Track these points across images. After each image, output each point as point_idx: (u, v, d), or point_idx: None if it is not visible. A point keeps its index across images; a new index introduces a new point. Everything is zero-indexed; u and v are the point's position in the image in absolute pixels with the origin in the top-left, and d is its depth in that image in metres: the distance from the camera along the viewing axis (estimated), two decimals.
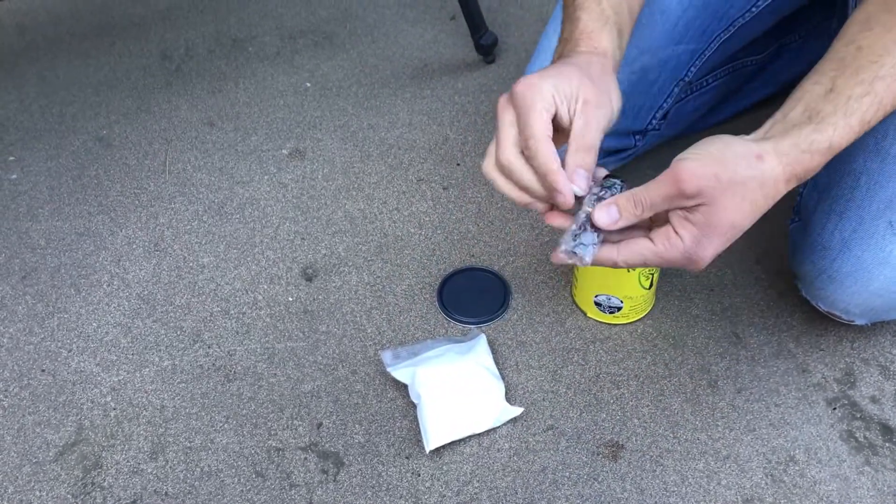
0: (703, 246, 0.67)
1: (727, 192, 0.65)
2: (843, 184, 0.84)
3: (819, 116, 0.67)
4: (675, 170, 0.66)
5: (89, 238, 1.09)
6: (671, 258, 0.69)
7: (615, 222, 0.70)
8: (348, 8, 1.45)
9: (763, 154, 0.66)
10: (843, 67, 0.69)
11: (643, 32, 0.95)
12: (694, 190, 0.65)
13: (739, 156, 0.66)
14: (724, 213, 0.66)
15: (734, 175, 0.65)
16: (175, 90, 1.30)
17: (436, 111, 1.26)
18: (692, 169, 0.65)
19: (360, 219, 1.11)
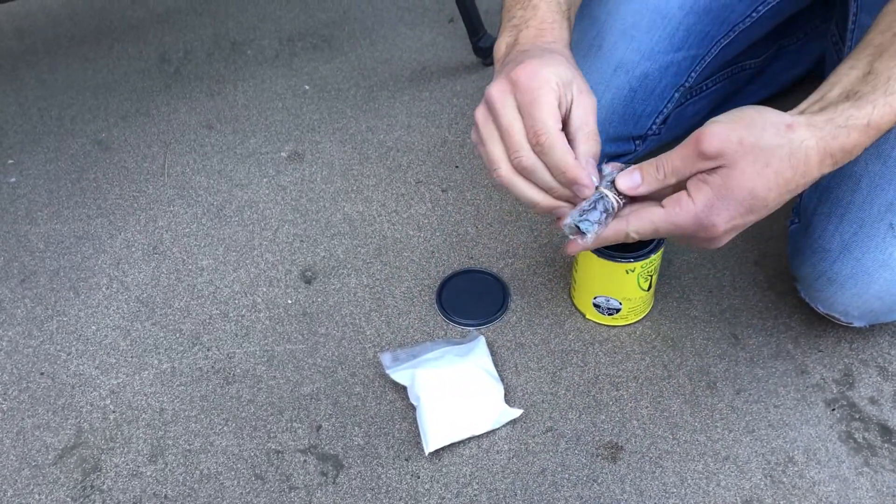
0: (717, 210, 0.64)
1: (748, 156, 0.62)
2: (844, 186, 0.84)
3: (857, 95, 0.65)
4: (698, 131, 0.64)
5: (88, 241, 1.09)
6: (682, 223, 0.66)
7: (637, 186, 0.68)
8: (347, 11, 1.45)
9: (794, 124, 0.64)
10: (880, 52, 0.67)
11: (644, 38, 0.95)
12: (714, 150, 0.63)
13: (769, 123, 0.64)
14: (742, 177, 0.62)
15: (759, 140, 0.62)
16: (174, 93, 1.30)
17: (434, 113, 1.26)
18: (715, 131, 0.63)
19: (358, 221, 1.11)
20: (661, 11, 0.96)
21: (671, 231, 0.67)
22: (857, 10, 0.95)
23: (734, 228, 0.66)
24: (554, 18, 0.75)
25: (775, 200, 0.65)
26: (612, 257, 0.90)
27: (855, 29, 0.95)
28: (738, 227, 0.66)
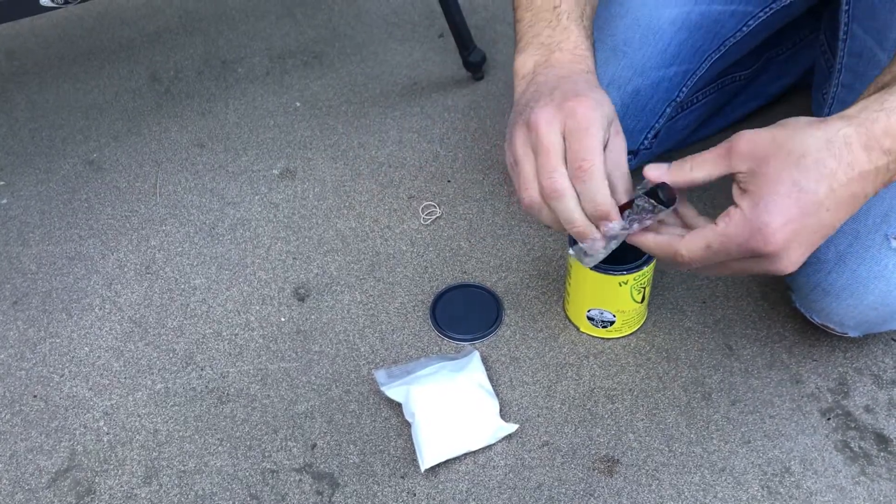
0: (765, 209, 0.60)
1: (783, 150, 0.60)
2: None
3: (888, 86, 0.63)
4: (732, 136, 0.64)
5: (80, 262, 1.09)
6: (734, 233, 0.63)
7: (662, 174, 0.68)
8: (337, 28, 1.45)
9: (827, 119, 0.62)
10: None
11: (636, 54, 0.96)
12: (746, 150, 0.62)
13: (802, 122, 0.63)
14: (781, 169, 0.60)
15: (792, 135, 0.61)
16: (165, 112, 1.30)
17: (426, 128, 1.26)
18: (748, 134, 0.63)
19: (351, 237, 1.11)
20: (652, 27, 0.96)
21: (726, 247, 0.63)
22: (848, 20, 0.96)
23: (795, 235, 0.62)
24: (587, 45, 0.76)
25: (829, 197, 0.61)
26: (604, 270, 0.90)
27: (847, 39, 0.95)
28: (798, 233, 0.61)
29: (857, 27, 0.95)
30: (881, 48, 0.89)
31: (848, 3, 0.97)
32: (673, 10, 0.97)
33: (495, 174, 1.18)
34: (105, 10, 1.49)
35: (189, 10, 1.49)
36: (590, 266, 0.79)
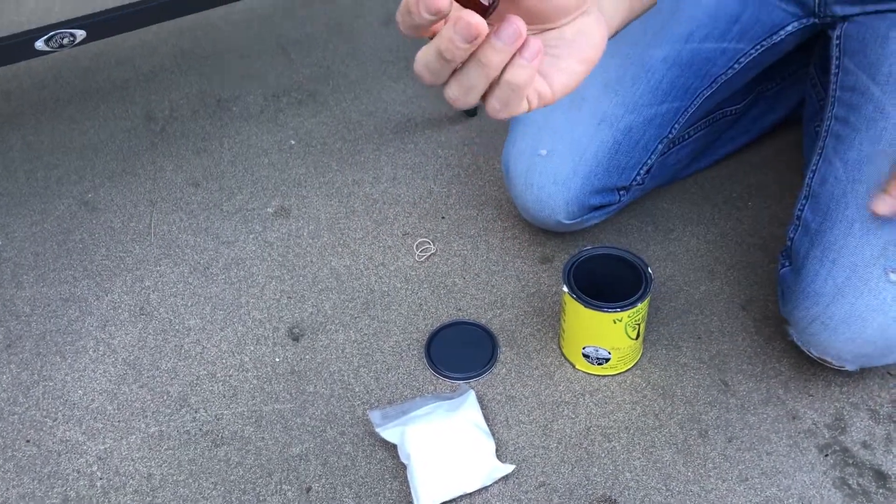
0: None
1: None
2: (836, 230, 0.84)
3: None
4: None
5: (74, 304, 1.09)
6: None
7: None
8: (331, 66, 1.46)
9: None
10: None
11: (627, 92, 0.96)
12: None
13: None
14: None
15: None
16: (160, 152, 1.31)
17: (419, 165, 1.27)
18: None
19: (346, 275, 1.11)
20: (644, 65, 0.97)
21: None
22: (839, 54, 0.97)
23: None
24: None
25: None
26: (599, 307, 0.90)
27: (839, 73, 0.96)
28: None
29: (848, 61, 0.95)
30: (874, 81, 0.90)
31: (839, 38, 0.97)
32: (664, 48, 0.97)
33: (489, 210, 1.19)
34: (101, 50, 1.51)
35: (184, 49, 1.50)
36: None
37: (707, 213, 1.16)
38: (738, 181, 1.19)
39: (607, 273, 0.94)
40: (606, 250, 0.95)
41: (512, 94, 0.50)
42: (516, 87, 0.50)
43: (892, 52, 0.88)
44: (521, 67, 0.49)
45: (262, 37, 1.53)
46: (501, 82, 0.50)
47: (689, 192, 1.18)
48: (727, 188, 1.19)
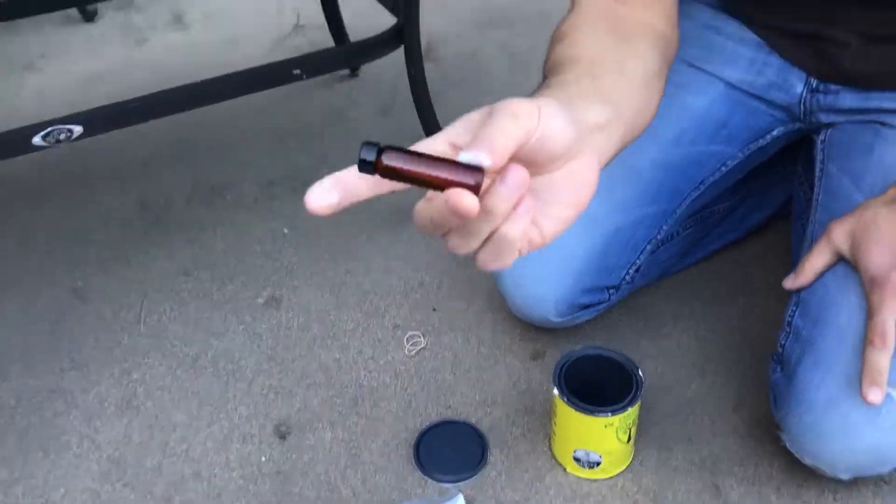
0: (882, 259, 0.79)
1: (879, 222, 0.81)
2: (828, 338, 0.84)
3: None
4: None
5: (60, 396, 1.08)
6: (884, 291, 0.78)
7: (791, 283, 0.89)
8: (327, 154, 1.48)
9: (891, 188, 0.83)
10: None
11: (617, 193, 0.97)
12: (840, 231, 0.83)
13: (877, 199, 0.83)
14: (883, 227, 0.80)
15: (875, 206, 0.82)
16: (153, 240, 1.31)
17: (411, 255, 1.27)
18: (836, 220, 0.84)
19: (335, 370, 1.10)
20: (633, 167, 0.98)
21: None
22: (823, 158, 0.98)
23: None
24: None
25: None
26: (589, 412, 0.89)
27: (822, 177, 0.97)
28: None
29: (832, 166, 0.97)
30: (857, 189, 0.91)
31: (823, 143, 0.99)
32: (653, 150, 0.99)
33: (480, 302, 1.19)
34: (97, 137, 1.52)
35: (180, 137, 1.52)
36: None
37: (697, 310, 1.16)
38: (726, 277, 1.20)
39: (598, 374, 0.94)
40: (597, 351, 0.95)
41: (505, 247, 0.49)
42: (510, 242, 0.49)
43: (877, 163, 0.89)
44: (515, 222, 0.48)
45: (258, 124, 1.55)
46: (495, 236, 0.49)
47: (679, 288, 1.18)
48: (716, 284, 1.19)
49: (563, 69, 0.64)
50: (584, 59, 0.65)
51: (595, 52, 0.67)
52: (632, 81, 0.66)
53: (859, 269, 0.82)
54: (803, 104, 0.99)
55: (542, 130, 0.49)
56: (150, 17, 1.88)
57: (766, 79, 1.00)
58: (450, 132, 0.52)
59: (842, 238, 0.83)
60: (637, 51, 0.70)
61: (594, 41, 0.68)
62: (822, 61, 0.94)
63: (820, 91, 0.97)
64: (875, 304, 0.78)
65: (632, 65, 0.67)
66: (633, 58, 0.68)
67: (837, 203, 0.93)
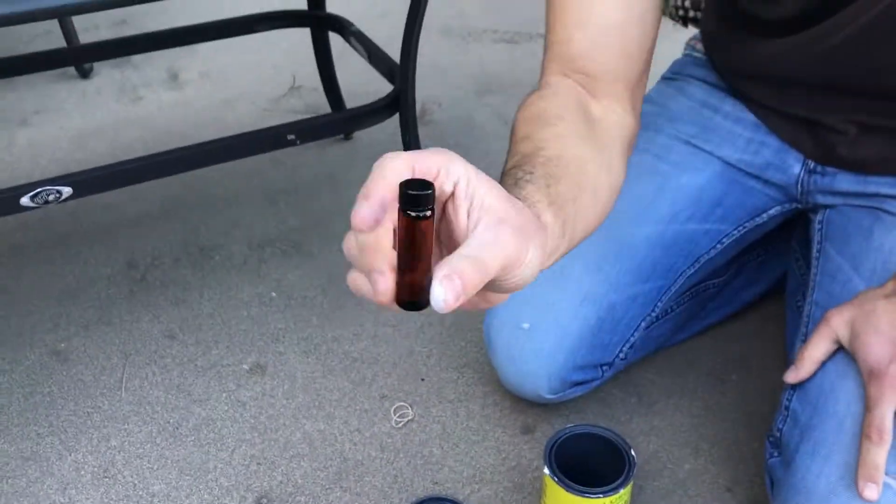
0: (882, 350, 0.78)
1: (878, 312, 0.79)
2: (827, 426, 0.82)
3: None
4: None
5: (35, 463, 1.04)
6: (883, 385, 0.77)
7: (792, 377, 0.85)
8: (319, 216, 1.47)
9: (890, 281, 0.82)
10: None
11: (611, 270, 0.96)
12: (839, 319, 0.81)
13: (877, 291, 0.82)
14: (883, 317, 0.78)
15: (874, 298, 0.80)
16: (138, 300, 1.29)
17: (401, 322, 1.25)
18: (835, 309, 0.83)
19: (319, 441, 1.07)
20: (627, 244, 0.97)
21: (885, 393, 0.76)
22: (821, 239, 0.98)
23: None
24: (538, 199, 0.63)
25: None
26: (581, 492, 0.87)
27: (820, 257, 0.97)
28: None
29: (830, 247, 0.96)
30: (856, 273, 0.90)
31: (821, 223, 0.99)
32: (648, 227, 0.98)
33: (470, 373, 1.17)
34: None
35: (172, 195, 1.51)
36: None
37: (691, 386, 1.14)
38: (721, 353, 1.18)
39: (590, 452, 0.92)
40: (589, 429, 0.93)
41: None
42: None
43: (877, 248, 0.88)
44: None
45: (250, 185, 1.54)
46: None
47: (673, 363, 1.17)
48: (711, 360, 1.17)
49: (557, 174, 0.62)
50: (571, 166, 0.64)
51: (578, 159, 0.66)
52: (596, 205, 0.68)
53: (857, 360, 0.80)
54: (801, 185, 0.99)
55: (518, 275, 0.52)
56: (146, 75, 1.89)
57: (764, 159, 0.99)
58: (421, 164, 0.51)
59: (841, 327, 0.82)
60: (610, 167, 0.71)
61: (577, 145, 0.68)
62: (819, 146, 0.95)
63: (817, 172, 0.97)
64: (873, 397, 0.77)
65: (602, 183, 0.68)
66: (605, 174, 0.69)
67: (836, 285, 0.92)
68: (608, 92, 0.75)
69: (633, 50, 0.76)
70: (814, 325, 0.90)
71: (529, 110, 0.71)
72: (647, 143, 1.02)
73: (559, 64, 0.76)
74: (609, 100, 0.75)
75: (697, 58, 1.08)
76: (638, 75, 0.77)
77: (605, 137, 0.72)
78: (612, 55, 0.75)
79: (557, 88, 0.74)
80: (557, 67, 0.76)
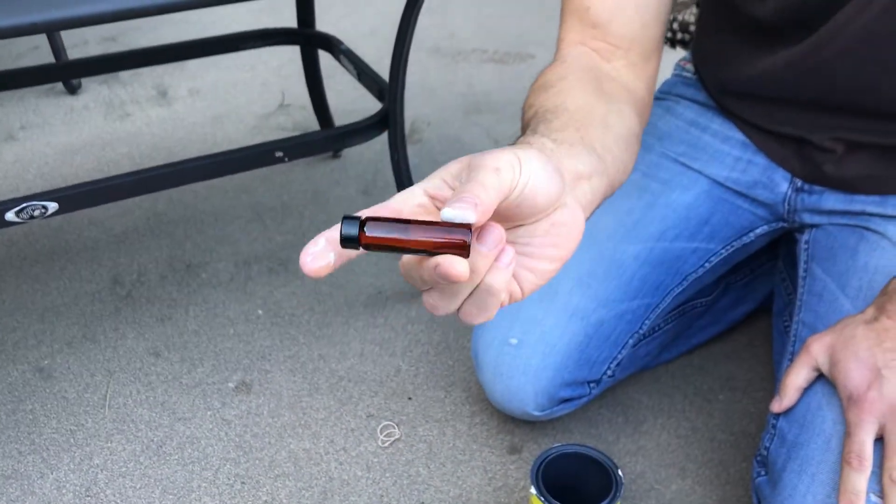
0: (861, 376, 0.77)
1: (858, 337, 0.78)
2: (814, 444, 0.82)
3: None
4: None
5: (16, 482, 1.03)
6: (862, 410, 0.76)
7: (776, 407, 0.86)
8: (306, 233, 1.46)
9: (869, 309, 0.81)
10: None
11: (599, 286, 0.96)
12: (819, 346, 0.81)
13: (857, 317, 0.81)
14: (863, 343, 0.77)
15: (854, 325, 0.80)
16: (123, 317, 1.28)
17: (388, 341, 1.25)
18: (815, 336, 0.82)
19: (304, 460, 1.06)
20: (616, 261, 0.97)
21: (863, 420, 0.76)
22: (807, 259, 0.98)
23: None
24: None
25: None
26: None
27: (807, 277, 0.97)
28: None
29: (816, 267, 0.96)
30: (843, 293, 0.90)
31: (807, 243, 0.99)
32: (636, 245, 0.98)
33: (457, 392, 1.16)
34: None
35: (158, 211, 1.50)
36: None
37: (678, 405, 1.14)
38: (708, 372, 1.18)
39: (577, 472, 0.91)
40: (576, 449, 0.92)
41: (489, 298, 0.49)
42: (495, 292, 0.48)
43: (862, 267, 0.89)
44: (499, 271, 0.48)
45: (238, 201, 1.54)
46: (480, 288, 0.48)
47: (660, 383, 1.16)
48: (698, 380, 1.17)
49: (549, 116, 0.65)
50: (571, 108, 0.66)
51: (581, 103, 0.68)
52: (616, 136, 0.68)
53: (837, 387, 0.80)
54: (788, 203, 0.99)
55: (525, 183, 0.49)
56: (134, 92, 1.89)
57: (751, 177, 1.00)
58: (428, 184, 0.51)
59: (821, 354, 0.82)
60: (620, 111, 0.71)
61: (580, 94, 0.70)
62: (806, 164, 0.95)
63: (805, 191, 0.97)
64: (852, 422, 0.77)
65: (615, 121, 0.69)
66: (616, 115, 0.70)
67: (823, 305, 0.92)
68: (623, 58, 0.77)
69: (650, 19, 0.77)
70: (800, 345, 0.91)
71: (537, 83, 0.73)
72: (637, 162, 1.02)
73: (576, 33, 0.78)
74: (623, 64, 0.77)
75: (687, 78, 1.08)
76: (654, 44, 0.79)
77: (614, 91, 0.73)
78: (630, 23, 0.76)
79: (566, 57, 0.76)
80: (575, 37, 0.78)
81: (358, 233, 0.46)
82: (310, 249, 0.47)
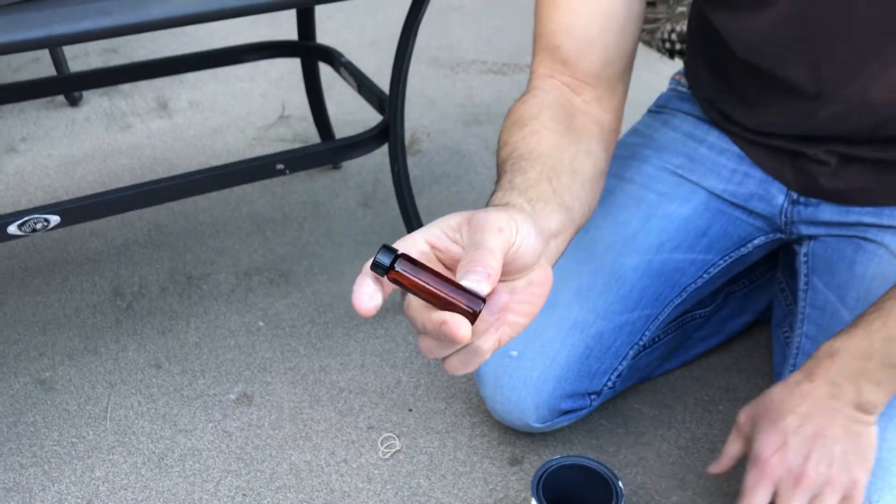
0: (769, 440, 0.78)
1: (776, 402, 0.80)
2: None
3: None
4: None
5: (18, 494, 1.03)
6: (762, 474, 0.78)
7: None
8: (306, 245, 1.47)
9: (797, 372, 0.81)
10: None
11: (598, 299, 0.97)
12: (745, 416, 0.83)
13: (779, 384, 0.82)
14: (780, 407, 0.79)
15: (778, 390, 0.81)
16: (124, 329, 1.28)
17: (389, 352, 1.25)
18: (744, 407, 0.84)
19: (305, 472, 1.06)
20: (615, 273, 0.98)
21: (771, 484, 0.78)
22: (808, 271, 0.99)
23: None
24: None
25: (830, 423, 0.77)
26: None
27: (808, 290, 0.97)
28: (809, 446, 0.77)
29: (817, 280, 0.97)
30: (843, 304, 0.91)
31: (806, 256, 0.99)
32: (635, 257, 0.99)
33: (458, 404, 1.16)
34: None
35: (160, 223, 1.51)
36: None
37: (678, 416, 1.14)
38: (708, 383, 1.19)
39: (577, 483, 0.91)
40: (577, 460, 0.93)
41: (474, 357, 0.53)
42: (482, 353, 0.52)
43: (860, 277, 0.89)
44: (490, 336, 0.51)
45: (238, 213, 1.54)
46: (469, 347, 0.51)
47: (661, 393, 1.17)
48: (698, 390, 1.18)
49: (524, 165, 0.70)
50: (544, 153, 0.71)
51: (552, 146, 0.73)
52: (583, 180, 0.73)
53: (751, 452, 0.81)
54: (784, 215, 1.00)
55: (520, 243, 0.55)
56: (135, 104, 1.89)
57: (748, 189, 1.01)
58: (429, 234, 0.56)
59: (746, 425, 0.84)
60: (588, 150, 0.76)
61: (552, 136, 0.74)
62: (801, 177, 0.96)
63: (801, 203, 0.98)
64: (748, 486, 0.79)
65: (582, 163, 0.74)
66: (584, 156, 0.75)
67: (825, 318, 0.93)
68: (591, 92, 0.82)
69: (615, 57, 0.82)
70: (804, 358, 0.91)
71: (511, 117, 0.78)
72: (634, 173, 1.03)
73: (546, 67, 0.83)
74: (590, 97, 0.82)
75: (682, 92, 1.09)
76: (618, 76, 0.83)
77: (585, 127, 0.79)
78: (597, 61, 0.81)
79: (538, 91, 0.81)
80: (545, 71, 0.83)
81: (389, 264, 0.52)
82: (363, 290, 0.52)
